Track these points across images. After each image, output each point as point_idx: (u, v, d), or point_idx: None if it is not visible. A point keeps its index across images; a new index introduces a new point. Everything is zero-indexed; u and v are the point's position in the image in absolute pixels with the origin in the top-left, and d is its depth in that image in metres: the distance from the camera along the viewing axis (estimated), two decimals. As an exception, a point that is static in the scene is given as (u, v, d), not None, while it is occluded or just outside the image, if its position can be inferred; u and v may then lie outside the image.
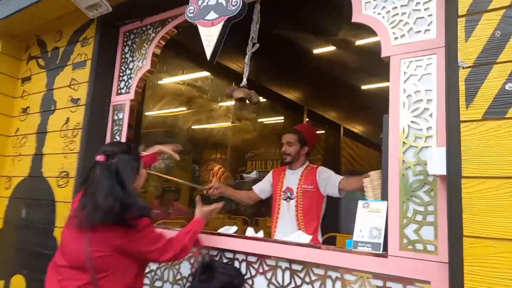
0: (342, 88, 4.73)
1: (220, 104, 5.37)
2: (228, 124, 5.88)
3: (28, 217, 2.98)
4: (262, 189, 2.89)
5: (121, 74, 2.87)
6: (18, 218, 3.04)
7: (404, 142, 1.51)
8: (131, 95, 2.72)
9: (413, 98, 1.53)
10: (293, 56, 4.00)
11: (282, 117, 5.70)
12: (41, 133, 3.10)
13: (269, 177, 2.88)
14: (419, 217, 1.42)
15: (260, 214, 5.35)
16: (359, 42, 3.66)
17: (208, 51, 2.19)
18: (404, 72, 1.57)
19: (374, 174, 1.81)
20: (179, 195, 6.38)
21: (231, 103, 5.27)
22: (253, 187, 2.96)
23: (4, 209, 3.19)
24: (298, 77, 4.60)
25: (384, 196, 1.57)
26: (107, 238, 1.54)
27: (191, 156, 6.93)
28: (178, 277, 2.14)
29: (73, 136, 2.84)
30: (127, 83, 2.81)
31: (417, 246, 1.40)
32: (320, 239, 2.61)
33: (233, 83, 4.52)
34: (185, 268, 2.11)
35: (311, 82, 4.73)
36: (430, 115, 1.47)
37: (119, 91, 2.84)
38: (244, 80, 2.51)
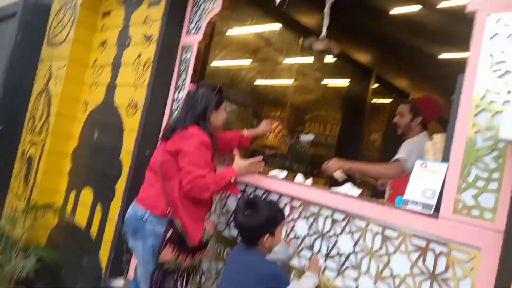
0: (417, 54, 4.40)
1: (285, 60, 5.28)
2: (290, 82, 5.81)
3: (99, 140, 3.28)
4: None
5: (192, 15, 2.93)
6: (91, 140, 3.35)
7: (477, 105, 1.41)
8: (199, 36, 2.78)
9: (495, 58, 1.40)
10: (366, 15, 3.77)
11: (348, 80, 5.50)
12: (116, 65, 3.32)
13: None
14: (480, 183, 1.35)
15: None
16: (442, 4, 3.34)
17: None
18: (490, 29, 1.43)
19: (438, 137, 1.73)
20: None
21: (296, 60, 5.16)
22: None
23: (80, 131, 3.53)
24: (369, 38, 4.35)
25: (446, 159, 1.50)
26: (169, 146, 1.89)
27: (251, 110, 7.02)
28: (224, 210, 2.27)
29: (143, 70, 3.00)
30: (197, 24, 2.86)
31: (472, 212, 1.35)
32: None
33: (301, 38, 4.42)
34: (232, 203, 2.23)
35: (384, 45, 4.45)
36: (513, 78, 1.35)
37: (188, 32, 2.92)
38: (324, 30, 2.40)
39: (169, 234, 1.82)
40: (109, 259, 2.74)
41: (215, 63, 4.77)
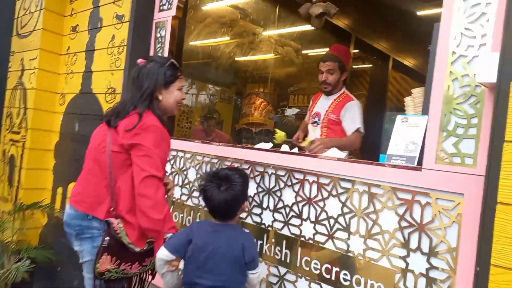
0: (396, 14, 4.35)
1: (263, 32, 5.19)
2: (271, 55, 5.74)
3: (81, 131, 3.21)
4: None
5: (163, -10, 2.83)
6: (72, 131, 3.29)
7: (453, 52, 1.40)
8: (173, 11, 2.70)
9: (470, 1, 1.38)
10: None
11: (328, 48, 5.44)
12: (90, 50, 3.22)
13: (310, 104, 2.88)
14: (460, 131, 1.35)
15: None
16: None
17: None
18: (463, -26, 1.40)
19: (417, 91, 1.73)
20: (221, 127, 6.54)
21: (273, 31, 5.08)
22: (306, 118, 2.93)
23: (60, 124, 3.46)
24: (346, 1, 4.29)
25: (425, 111, 1.50)
26: (122, 138, 1.61)
27: (234, 89, 6.95)
28: (186, 181, 2.27)
29: (118, 53, 2.92)
30: (169, -1, 2.78)
31: (454, 160, 1.35)
32: None
33: (277, 8, 4.33)
34: (192, 174, 2.23)
35: (362, 6, 4.38)
36: (487, 21, 1.33)
37: (161, 7, 2.83)
38: None
39: (106, 242, 1.59)
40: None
41: (192, 42, 4.67)
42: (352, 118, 2.46)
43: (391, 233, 1.49)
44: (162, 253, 1.54)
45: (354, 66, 5.65)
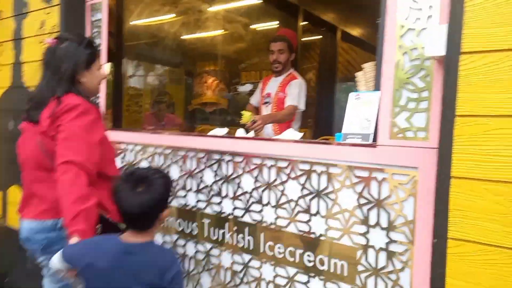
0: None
1: (209, 8, 4.99)
2: (219, 32, 5.55)
3: (16, 129, 2.93)
4: (257, 99, 2.96)
5: (93, -32, 2.58)
6: (6, 130, 3.00)
7: (402, 25, 1.38)
8: (107, -9, 2.48)
9: (415, -27, 1.35)
10: None
11: (277, 22, 5.35)
12: (17, 39, 2.91)
13: (260, 85, 2.95)
14: (412, 105, 1.36)
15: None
16: None
17: None
18: None
19: (368, 66, 1.71)
20: (173, 109, 6.32)
21: (220, 7, 4.90)
22: (250, 99, 3.02)
23: (-9, 122, 3.14)
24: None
25: (377, 87, 1.49)
26: (47, 128, 1.44)
27: (183, 68, 6.70)
28: None
29: (50, 41, 2.65)
30: (100, -22, 2.54)
31: (407, 134, 1.36)
32: None
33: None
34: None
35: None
36: (432, -8, 1.31)
37: (93, -12, 2.59)
38: None
39: (98, 230, 1.45)
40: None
41: (133, 23, 4.38)
42: (291, 94, 2.59)
43: (351, 211, 1.49)
44: (55, 260, 1.30)
45: (303, 39, 5.62)
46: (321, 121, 6.10)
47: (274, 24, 5.40)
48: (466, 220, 1.05)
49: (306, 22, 5.25)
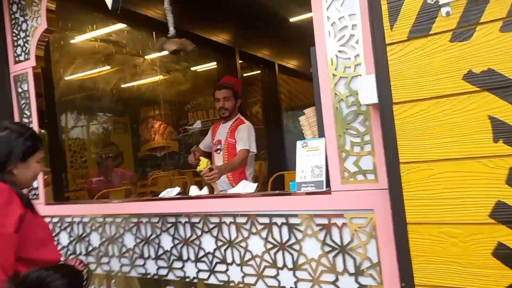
0: (271, 23, 4.54)
1: (145, 57, 4.96)
2: (158, 78, 5.51)
3: None
4: (206, 144, 2.97)
5: (15, 38, 2.46)
6: None
7: (334, 74, 1.44)
8: (32, 62, 2.37)
9: (338, 25, 1.42)
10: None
11: (215, 63, 5.44)
12: None
13: (209, 133, 2.96)
14: (357, 149, 1.40)
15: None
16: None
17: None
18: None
19: (309, 111, 1.75)
20: (122, 160, 6.08)
21: (157, 55, 4.89)
22: (200, 144, 3.01)
23: None
24: (225, 17, 4.32)
25: (321, 133, 1.52)
26: None
27: (127, 117, 6.53)
28: (90, 248, 2.04)
29: (-26, 118, 2.46)
30: (24, 48, 2.42)
31: (358, 177, 1.39)
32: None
33: (154, 32, 4.16)
34: (96, 239, 2.01)
35: (239, 20, 4.47)
36: (357, 42, 1.39)
37: (17, 59, 2.46)
38: (171, 29, 2.34)
39: None
40: None
41: (68, 78, 4.23)
42: (242, 139, 2.61)
43: (317, 260, 1.48)
44: None
45: (244, 75, 5.76)
46: (273, 150, 6.20)
47: (213, 65, 5.48)
48: (429, 265, 1.07)
49: (243, 61, 5.39)
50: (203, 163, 2.33)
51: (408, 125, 1.10)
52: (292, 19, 4.51)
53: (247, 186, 1.83)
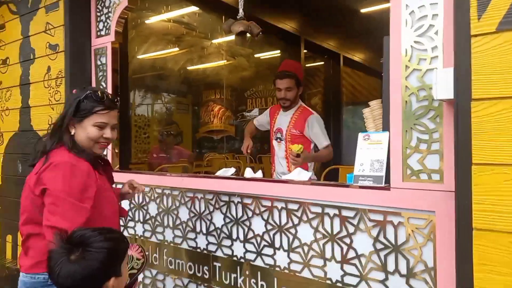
0: (340, 13, 4.40)
1: (212, 41, 5.08)
2: (223, 62, 5.63)
3: (25, 172, 2.94)
4: (261, 123, 2.92)
5: (98, 14, 2.64)
6: (15, 173, 3.01)
7: (406, 66, 1.37)
8: (112, 37, 2.53)
9: (417, 14, 1.35)
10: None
11: (279, 51, 5.42)
12: (24, 84, 2.96)
13: (267, 114, 2.87)
14: (423, 146, 1.32)
15: (263, 151, 5.33)
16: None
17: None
18: (406, -14, 1.37)
19: (374, 104, 1.69)
20: (181, 139, 6.35)
21: (224, 39, 4.98)
22: (254, 119, 2.98)
23: (0, 166, 3.16)
24: (292, 5, 4.27)
25: (386, 127, 1.47)
26: (30, 180, 1.39)
27: (190, 98, 6.78)
28: (148, 217, 2.14)
29: (57, 86, 2.69)
30: (105, 23, 2.59)
31: (421, 176, 1.32)
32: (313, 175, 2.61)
33: (223, 17, 4.22)
34: (153, 208, 2.12)
35: (307, 9, 4.39)
36: (436, 33, 1.30)
37: (98, 33, 2.64)
38: (241, 11, 2.35)
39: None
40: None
41: (141, 56, 4.47)
42: (320, 135, 2.54)
43: (367, 256, 1.44)
44: None
45: (307, 65, 5.68)
46: (332, 142, 6.07)
47: (276, 53, 5.47)
48: (494, 276, 0.99)
49: (306, 50, 5.31)
50: (297, 147, 2.35)
51: (486, 124, 1.01)
52: (363, 10, 4.34)
53: (301, 173, 1.82)
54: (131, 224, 2.36)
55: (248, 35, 2.34)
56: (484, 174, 1.02)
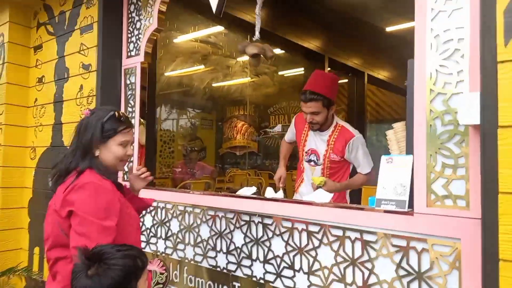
0: (365, 31, 4.40)
1: (237, 59, 5.18)
2: (247, 79, 5.73)
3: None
4: (290, 138, 2.71)
5: (129, 35, 2.76)
6: (46, 187, 3.12)
7: (431, 89, 1.35)
8: (141, 57, 2.63)
9: (442, 38, 1.34)
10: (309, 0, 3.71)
11: (302, 68, 5.46)
12: (58, 102, 3.10)
13: (292, 126, 2.67)
14: (448, 171, 1.30)
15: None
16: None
17: (213, 3, 2.05)
18: (432, 8, 1.37)
19: (398, 126, 1.68)
20: (204, 154, 6.44)
21: (247, 58, 5.08)
22: (285, 137, 2.78)
23: (32, 179, 3.29)
24: (316, 23, 4.31)
25: (410, 150, 1.44)
26: (56, 202, 1.41)
27: (214, 114, 6.90)
28: (169, 233, 2.16)
29: (88, 104, 2.81)
30: (136, 44, 2.70)
31: (446, 202, 1.29)
32: (347, 197, 2.48)
33: (249, 36, 4.32)
34: (175, 225, 2.13)
35: (331, 27, 4.43)
36: (462, 57, 1.29)
37: (129, 54, 2.75)
38: (257, 33, 2.34)
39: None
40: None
41: (168, 74, 4.61)
42: (362, 160, 2.31)
43: (389, 283, 1.40)
44: None
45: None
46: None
47: (300, 71, 5.51)
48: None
49: (330, 68, 5.32)
50: (318, 179, 2.22)
51: (513, 152, 0.99)
52: (388, 29, 4.33)
53: (322, 194, 1.80)
54: (153, 240, 2.39)
55: (262, 56, 2.35)
56: (510, 203, 0.98)
